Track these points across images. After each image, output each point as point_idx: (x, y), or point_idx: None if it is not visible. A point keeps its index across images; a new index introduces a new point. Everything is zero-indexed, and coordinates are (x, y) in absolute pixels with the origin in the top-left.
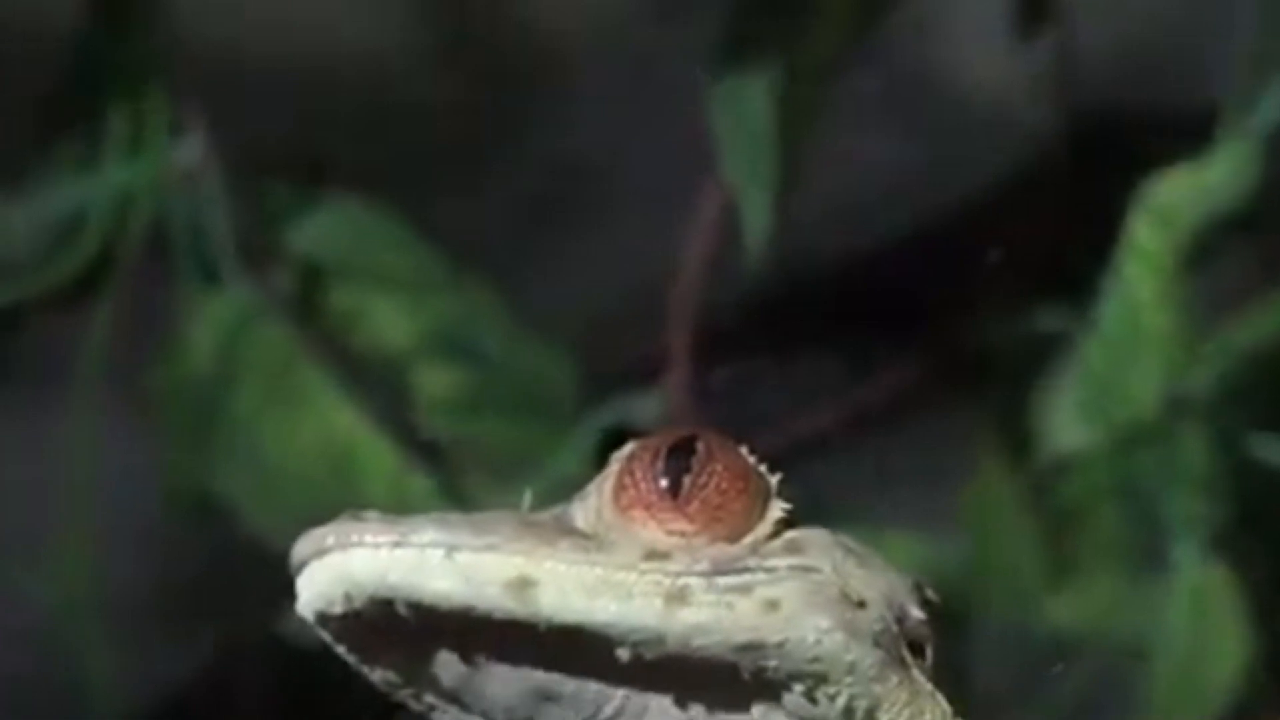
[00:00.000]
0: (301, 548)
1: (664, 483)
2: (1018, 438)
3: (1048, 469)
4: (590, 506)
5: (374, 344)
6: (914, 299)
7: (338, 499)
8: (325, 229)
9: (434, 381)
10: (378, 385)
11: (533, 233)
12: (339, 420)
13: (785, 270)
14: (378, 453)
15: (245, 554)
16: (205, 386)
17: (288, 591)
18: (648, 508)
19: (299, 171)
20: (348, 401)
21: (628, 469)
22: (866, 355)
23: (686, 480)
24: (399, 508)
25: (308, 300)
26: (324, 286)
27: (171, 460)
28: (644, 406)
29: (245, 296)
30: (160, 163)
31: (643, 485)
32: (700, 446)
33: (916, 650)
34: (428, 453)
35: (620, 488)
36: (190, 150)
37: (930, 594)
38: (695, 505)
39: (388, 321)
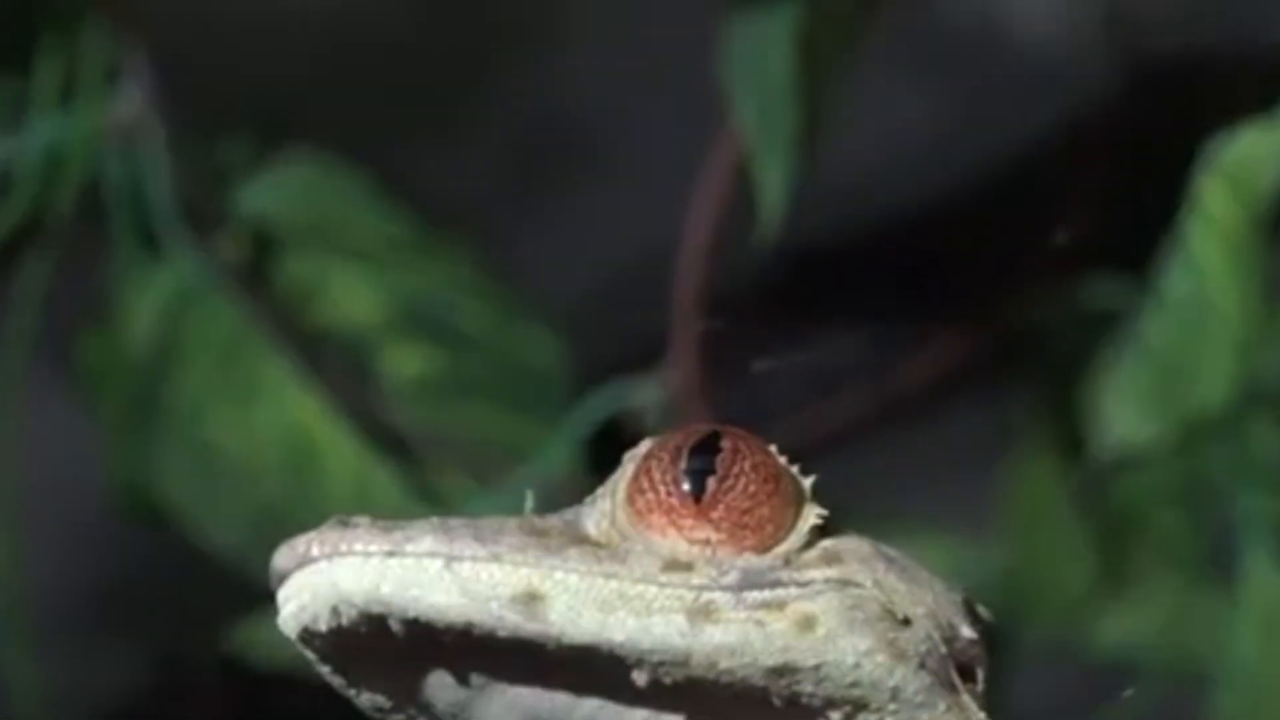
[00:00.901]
0: (283, 557)
1: (686, 485)
2: (1068, 429)
3: (1102, 465)
4: (603, 511)
5: (336, 320)
6: (951, 272)
7: (294, 498)
8: (281, 190)
9: (404, 363)
10: (340, 367)
11: (518, 196)
12: (296, 408)
13: (804, 241)
14: (339, 445)
15: (190, 560)
16: (144, 369)
17: (236, 604)
18: (668, 513)
19: (254, 125)
20: (306, 386)
21: (645, 469)
22: (896, 336)
23: (711, 482)
24: (362, 508)
25: (261, 271)
26: (279, 255)
27: (107, 452)
28: (643, 394)
29: (190, 267)
30: (96, 115)
31: (662, 488)
32: (725, 444)
33: (966, 673)
34: (396, 445)
35: (637, 490)
36: (130, 100)
37: (982, 610)
38: (721, 510)
39: (352, 294)
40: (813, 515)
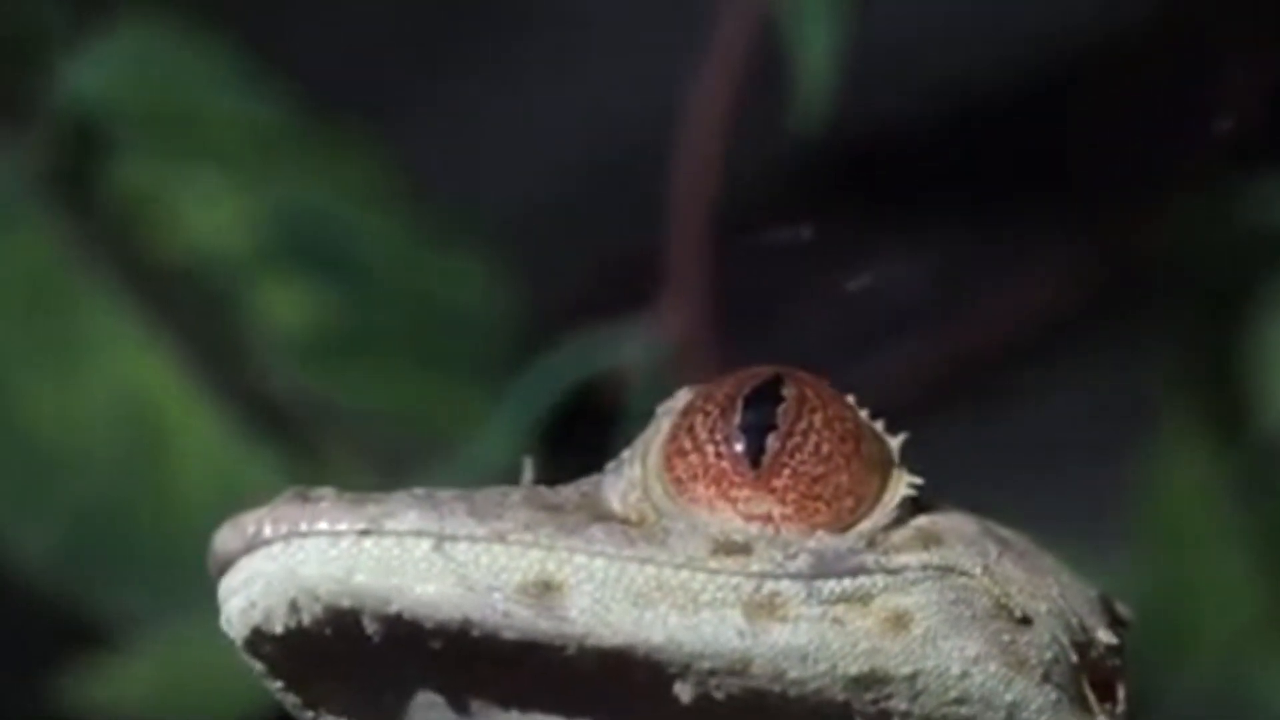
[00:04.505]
0: (226, 539)
1: (739, 445)
2: (1226, 397)
3: (1275, 448)
4: (631, 481)
5: (189, 247)
6: (1056, 174)
7: (133, 494)
8: (113, 67)
9: (283, 307)
10: (195, 314)
11: (438, 67)
12: (135, 371)
13: (854, 128)
14: (194, 421)
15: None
16: None
17: (61, 640)
18: (717, 481)
19: None
20: (149, 341)
21: (686, 426)
22: (980, 263)
23: (772, 442)
24: (226, 506)
25: (85, 179)
26: (110, 157)
27: None
28: (628, 347)
29: None
30: None
31: (709, 449)
32: (789, 393)
33: (1104, 690)
34: (274, 421)
35: (676, 453)
36: None
37: (1124, 610)
38: (785, 477)
39: (210, 211)
40: (903, 484)
